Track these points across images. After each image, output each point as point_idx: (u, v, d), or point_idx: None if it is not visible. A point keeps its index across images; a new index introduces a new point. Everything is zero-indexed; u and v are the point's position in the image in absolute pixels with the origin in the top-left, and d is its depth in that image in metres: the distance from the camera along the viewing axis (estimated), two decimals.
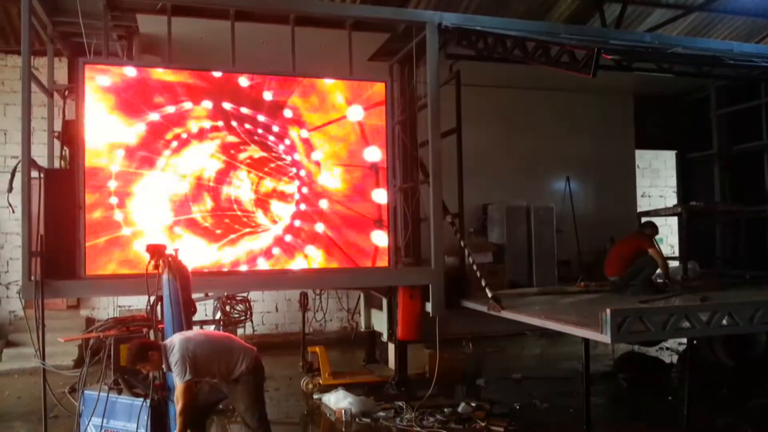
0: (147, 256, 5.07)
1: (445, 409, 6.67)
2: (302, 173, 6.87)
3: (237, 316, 7.64)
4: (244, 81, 6.73)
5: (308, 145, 6.90)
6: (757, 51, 8.78)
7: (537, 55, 6.34)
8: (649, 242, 7.82)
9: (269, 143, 6.81)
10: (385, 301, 7.72)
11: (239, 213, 6.68)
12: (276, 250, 6.75)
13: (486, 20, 7.57)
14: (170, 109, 6.46)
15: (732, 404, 7.20)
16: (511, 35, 6.70)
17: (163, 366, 4.63)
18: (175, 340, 4.65)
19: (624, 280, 7.75)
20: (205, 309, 8.26)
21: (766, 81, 9.12)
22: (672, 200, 13.47)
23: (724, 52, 8.13)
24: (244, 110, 6.71)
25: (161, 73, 6.51)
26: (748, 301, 5.76)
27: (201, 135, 6.59)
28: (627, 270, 7.73)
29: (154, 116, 6.39)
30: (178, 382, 4.53)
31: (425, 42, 7.16)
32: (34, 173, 6.09)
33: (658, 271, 7.66)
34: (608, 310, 4.70)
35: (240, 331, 8.13)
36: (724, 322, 5.22)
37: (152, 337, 5.15)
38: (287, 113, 6.83)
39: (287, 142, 6.85)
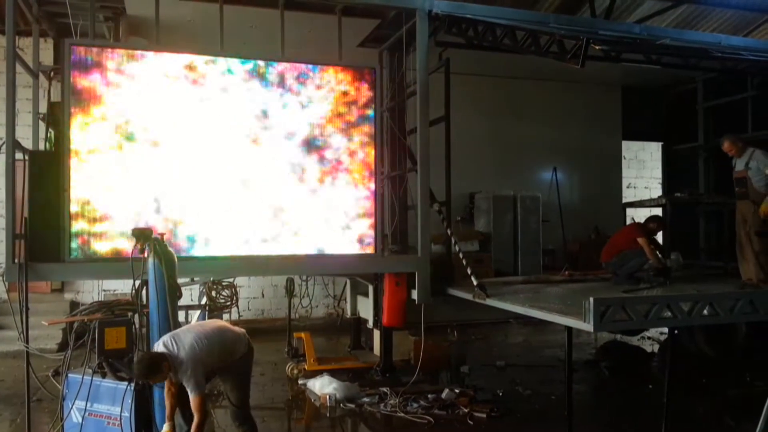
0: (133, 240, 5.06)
1: (429, 395, 6.72)
2: None
3: (223, 301, 7.62)
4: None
5: None
6: (744, 44, 8.82)
7: (526, 45, 6.38)
8: (642, 233, 7.67)
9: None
10: (371, 288, 7.75)
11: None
12: None
13: (476, 8, 7.55)
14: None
15: (711, 393, 7.31)
16: (501, 24, 6.71)
17: (170, 375, 4.44)
18: (180, 348, 4.43)
19: (610, 266, 7.83)
20: (191, 294, 8.25)
21: (753, 74, 9.19)
22: (657, 191, 13.58)
23: (711, 44, 8.16)
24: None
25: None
26: (729, 292, 5.85)
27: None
28: (614, 258, 7.79)
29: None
30: (193, 395, 4.40)
31: (415, 29, 7.13)
32: (19, 155, 6.03)
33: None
34: (591, 299, 4.72)
35: (225, 316, 8.12)
36: (705, 312, 5.26)
37: (137, 321, 5.14)
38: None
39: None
